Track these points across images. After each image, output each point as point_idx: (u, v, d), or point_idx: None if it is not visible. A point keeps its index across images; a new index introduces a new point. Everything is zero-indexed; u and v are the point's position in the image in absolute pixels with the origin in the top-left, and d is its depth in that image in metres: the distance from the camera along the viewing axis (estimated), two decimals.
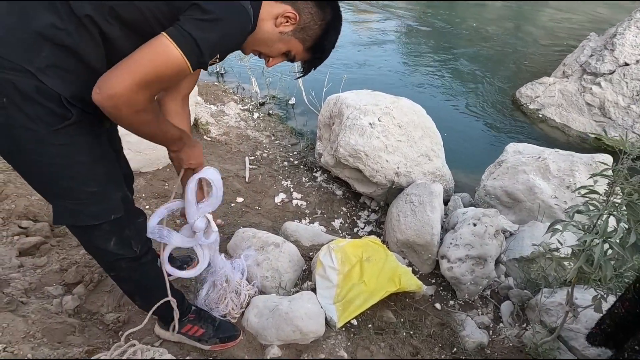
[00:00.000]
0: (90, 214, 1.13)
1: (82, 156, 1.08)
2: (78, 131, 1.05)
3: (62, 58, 0.96)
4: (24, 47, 0.93)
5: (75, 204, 1.11)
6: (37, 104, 0.96)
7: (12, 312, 1.47)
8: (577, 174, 2.34)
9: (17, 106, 0.95)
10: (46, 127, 0.99)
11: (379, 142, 2.52)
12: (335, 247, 1.92)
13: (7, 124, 0.97)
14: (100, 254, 1.26)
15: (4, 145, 1.04)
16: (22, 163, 1.08)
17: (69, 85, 0.99)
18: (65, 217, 1.13)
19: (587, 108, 4.39)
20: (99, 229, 1.17)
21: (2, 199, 2.08)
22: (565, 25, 7.88)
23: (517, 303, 2.01)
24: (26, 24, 0.93)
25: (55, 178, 1.08)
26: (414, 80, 5.28)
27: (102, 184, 1.14)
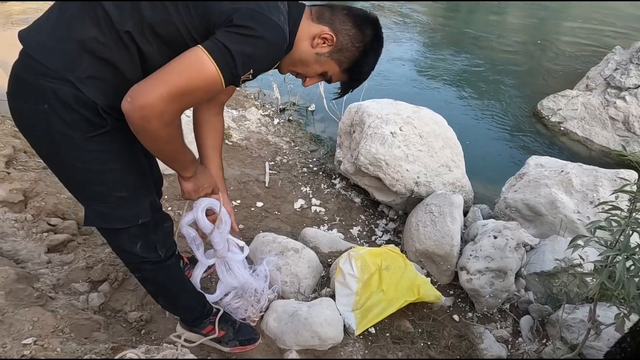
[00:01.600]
0: (119, 218, 1.18)
1: (114, 163, 1.12)
2: (111, 139, 1.09)
3: (101, 70, 1.00)
4: (67, 57, 0.98)
5: (105, 207, 1.16)
6: (75, 112, 1.01)
7: (42, 306, 1.52)
8: (601, 189, 2.31)
9: (56, 112, 1.00)
10: (81, 133, 1.04)
11: (399, 152, 2.53)
12: (355, 254, 1.93)
13: (47, 128, 1.03)
14: (127, 256, 1.30)
15: (44, 148, 1.11)
16: (59, 166, 1.14)
17: (105, 96, 1.02)
18: (95, 219, 1.18)
19: (610, 122, 4.32)
20: (126, 232, 1.21)
21: (33, 197, 2.15)
22: (589, 37, 7.78)
23: (537, 318, 1.99)
24: (71, 35, 0.98)
25: (87, 182, 1.13)
26: (434, 90, 5.27)
27: (131, 190, 1.18)
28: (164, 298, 1.49)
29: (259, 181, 2.95)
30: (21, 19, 6.31)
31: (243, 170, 3.04)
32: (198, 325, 1.57)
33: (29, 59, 0.99)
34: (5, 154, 2.38)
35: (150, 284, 1.42)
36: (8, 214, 2.00)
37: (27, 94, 1.02)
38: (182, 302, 1.51)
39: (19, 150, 2.56)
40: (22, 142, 2.73)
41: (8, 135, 2.71)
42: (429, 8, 9.32)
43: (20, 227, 1.98)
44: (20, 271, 1.62)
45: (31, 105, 1.01)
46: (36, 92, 1.00)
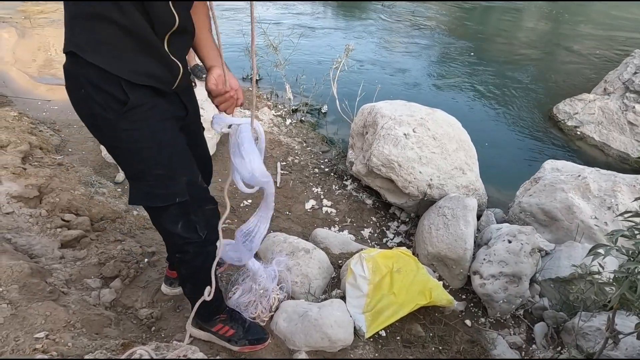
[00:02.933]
0: (158, 196, 1.21)
1: (148, 141, 1.16)
2: (141, 116, 1.13)
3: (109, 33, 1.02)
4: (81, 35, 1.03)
5: (146, 185, 1.19)
6: (104, 92, 1.06)
7: (54, 301, 1.53)
8: (619, 195, 2.26)
9: (91, 96, 1.06)
10: (114, 113, 1.08)
11: (412, 153, 2.50)
12: (367, 256, 1.91)
13: (90, 113, 1.10)
14: (171, 237, 1.32)
15: (94, 132, 1.18)
16: (108, 147, 1.21)
17: (127, 63, 1.05)
18: (138, 198, 1.21)
19: (629, 127, 4.23)
20: (166, 211, 1.24)
21: (48, 192, 2.17)
22: (606, 41, 7.65)
23: (552, 325, 1.94)
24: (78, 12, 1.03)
25: (130, 161, 1.19)
26: (449, 92, 5.23)
27: (167, 168, 1.20)
28: (192, 284, 1.48)
29: None
30: (41, 19, 6.43)
31: None
32: (209, 322, 1.57)
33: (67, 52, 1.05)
34: (21, 150, 2.42)
35: (187, 266, 1.42)
36: (23, 209, 2.02)
37: (70, 84, 1.09)
38: (201, 288, 1.50)
39: (35, 146, 2.60)
40: (38, 138, 2.77)
41: (25, 132, 2.75)
42: (442, 10, 9.26)
43: (35, 222, 2.00)
44: (34, 266, 1.64)
45: (74, 94, 1.09)
46: (75, 80, 1.06)
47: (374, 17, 8.55)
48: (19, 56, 5.00)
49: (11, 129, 2.70)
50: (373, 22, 8.17)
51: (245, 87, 4.64)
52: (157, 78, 1.13)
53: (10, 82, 4.17)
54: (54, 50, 5.30)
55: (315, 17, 8.33)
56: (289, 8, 8.70)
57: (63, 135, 3.22)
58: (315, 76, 4.65)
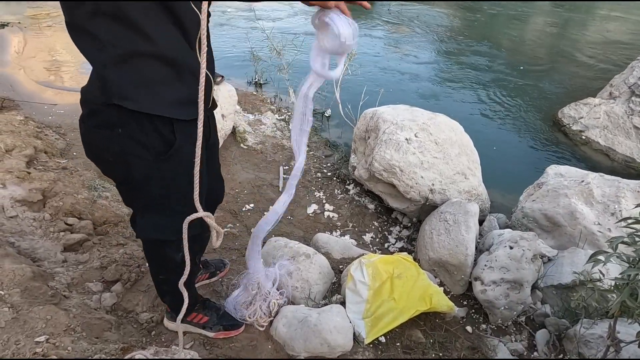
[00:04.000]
0: (173, 230, 1.20)
1: (180, 180, 1.15)
2: (181, 157, 1.12)
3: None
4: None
5: (161, 218, 1.20)
6: (150, 133, 1.05)
7: (56, 305, 1.54)
8: (623, 201, 2.24)
9: (131, 136, 1.04)
10: (155, 155, 1.07)
11: (414, 158, 2.50)
12: (367, 261, 1.91)
13: (121, 151, 1.06)
14: (165, 261, 1.34)
15: (119, 173, 1.15)
16: (130, 186, 1.18)
17: (172, 98, 1.05)
18: (150, 230, 1.22)
19: (634, 131, 4.19)
20: (174, 243, 1.25)
21: (51, 196, 2.20)
22: (612, 44, 7.60)
23: (554, 332, 1.93)
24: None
25: (153, 197, 1.17)
26: (452, 96, 5.22)
27: (189, 205, 1.20)
28: (172, 295, 1.50)
29: (273, 185, 2.95)
30: (49, 24, 6.51)
31: (257, 174, 3.05)
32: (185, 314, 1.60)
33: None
34: (26, 154, 2.44)
35: (171, 285, 1.42)
36: (27, 213, 2.05)
37: (99, 122, 1.04)
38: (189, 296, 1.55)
39: (40, 150, 2.63)
40: (43, 142, 2.80)
41: (30, 136, 2.79)
42: (447, 15, 9.26)
43: (38, 225, 2.02)
44: (36, 269, 1.65)
45: (103, 131, 1.04)
46: (108, 119, 1.03)
47: (379, 21, 8.56)
48: (27, 60, 5.06)
49: (17, 133, 2.73)
50: (377, 26, 8.19)
51: (250, 92, 4.66)
52: (195, 103, 1.13)
53: (18, 86, 4.22)
54: (61, 54, 5.36)
55: None
56: (292, 10, 8.74)
57: (68, 139, 3.24)
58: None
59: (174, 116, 1.06)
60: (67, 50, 5.44)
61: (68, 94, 4.20)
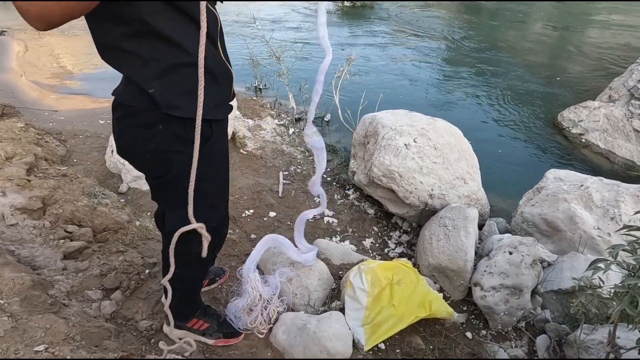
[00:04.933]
0: (198, 221, 1.21)
1: (213, 173, 1.21)
2: (215, 148, 1.17)
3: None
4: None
5: (184, 212, 1.19)
6: (190, 128, 1.05)
7: (55, 313, 1.54)
8: (623, 205, 2.24)
9: (171, 133, 1.08)
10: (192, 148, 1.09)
11: (413, 163, 2.50)
12: (366, 268, 1.91)
13: (157, 149, 1.11)
14: (185, 256, 1.32)
15: (156, 169, 1.19)
16: (165, 181, 1.21)
17: (212, 102, 1.10)
18: (180, 224, 1.21)
19: (634, 134, 4.19)
20: (199, 235, 1.25)
21: (52, 204, 2.20)
22: (611, 47, 7.61)
23: (554, 338, 1.92)
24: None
25: (185, 192, 1.17)
26: (451, 100, 5.23)
27: (218, 197, 1.25)
28: (180, 292, 1.49)
29: (272, 191, 2.96)
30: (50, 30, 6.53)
31: (257, 179, 3.06)
32: (186, 319, 1.61)
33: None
34: (27, 161, 2.45)
35: (185, 282, 1.45)
36: (27, 221, 2.05)
37: (135, 122, 1.09)
38: (190, 298, 1.59)
39: (40, 157, 2.64)
40: (44, 149, 2.81)
41: (31, 143, 2.80)
42: (445, 19, 9.28)
43: (38, 233, 2.03)
44: (35, 278, 1.65)
45: (139, 130, 1.09)
46: (145, 120, 1.07)
47: (378, 25, 8.59)
48: (28, 67, 5.09)
49: (17, 140, 2.74)
50: (377, 30, 8.21)
51: (250, 97, 4.67)
52: (228, 100, 1.19)
53: (19, 93, 4.25)
54: (62, 60, 5.39)
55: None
56: (291, 15, 8.76)
57: (69, 145, 3.26)
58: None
59: (214, 117, 1.14)
60: (68, 55, 5.47)
61: (68, 100, 4.21)
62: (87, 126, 3.61)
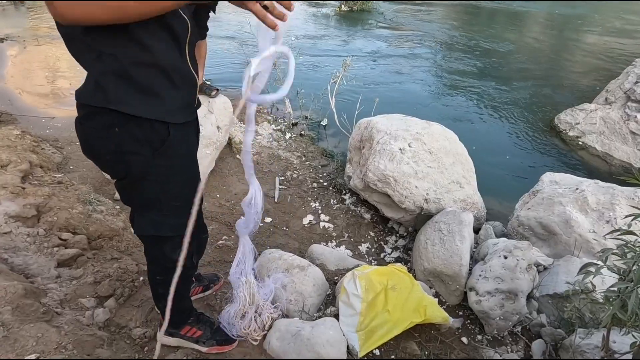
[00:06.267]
0: (170, 226, 1.24)
1: (178, 175, 1.20)
2: (176, 152, 1.16)
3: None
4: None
5: (159, 215, 1.22)
6: (146, 131, 1.08)
7: (47, 322, 1.54)
8: (618, 208, 2.23)
9: (128, 133, 1.07)
10: (151, 150, 1.11)
11: (408, 168, 2.50)
12: (360, 273, 1.90)
13: (116, 150, 1.10)
14: (163, 261, 1.34)
15: (117, 170, 1.18)
16: (128, 184, 1.20)
17: (168, 104, 1.09)
18: (147, 227, 1.24)
19: (631, 137, 4.20)
20: (171, 240, 1.27)
21: (46, 211, 2.20)
22: (607, 50, 7.63)
23: (550, 342, 1.91)
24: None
25: (150, 193, 1.20)
26: (447, 104, 5.23)
27: (186, 199, 1.23)
28: (167, 300, 1.48)
29: (268, 196, 2.95)
30: (49, 37, 6.56)
31: None
32: (178, 327, 1.60)
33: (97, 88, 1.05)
34: (22, 169, 2.45)
35: (167, 285, 1.42)
36: (21, 229, 2.05)
37: (96, 123, 1.08)
38: (182, 304, 1.58)
39: (35, 165, 2.64)
40: (39, 156, 2.81)
41: (27, 150, 2.80)
42: (442, 23, 9.31)
43: (32, 241, 2.02)
44: (28, 286, 1.65)
45: (99, 131, 1.08)
46: (105, 120, 1.06)
47: (374, 29, 8.62)
48: (26, 74, 5.10)
49: (13, 147, 2.74)
50: (372, 34, 8.24)
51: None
52: (190, 106, 1.17)
53: (15, 100, 4.25)
54: (60, 67, 5.40)
55: (317, 30, 8.41)
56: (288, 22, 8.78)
57: (65, 152, 3.26)
58: (315, 90, 4.69)
59: (170, 121, 1.11)
60: (67, 63, 5.48)
61: (65, 107, 4.22)
62: None
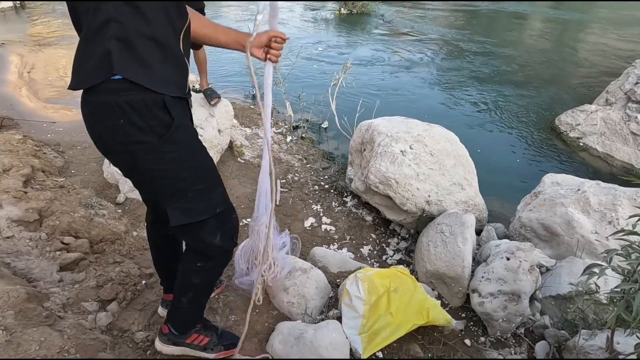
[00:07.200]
0: (200, 210, 1.23)
1: (189, 159, 1.19)
2: (182, 136, 1.16)
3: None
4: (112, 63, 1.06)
5: (185, 202, 1.21)
6: (148, 116, 1.08)
7: (50, 326, 1.54)
8: (620, 209, 2.23)
9: (132, 123, 1.07)
10: (157, 137, 1.11)
11: (410, 170, 2.50)
12: (363, 276, 1.90)
13: (125, 142, 1.10)
14: (205, 248, 1.33)
15: (126, 162, 1.18)
16: (140, 175, 1.21)
17: (163, 77, 1.10)
18: (180, 217, 1.22)
19: (632, 137, 4.20)
20: (206, 224, 1.26)
21: (48, 215, 2.20)
22: (607, 51, 7.64)
23: (554, 344, 1.91)
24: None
25: (168, 182, 1.19)
26: (448, 106, 5.24)
27: (206, 181, 1.24)
28: (196, 294, 1.48)
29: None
30: (50, 42, 6.58)
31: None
32: (185, 334, 1.57)
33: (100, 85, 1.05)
34: (23, 173, 2.46)
35: (205, 275, 1.43)
36: (23, 233, 2.05)
37: (101, 114, 1.08)
38: (202, 302, 1.56)
39: (37, 169, 2.64)
40: (41, 161, 2.82)
41: (29, 155, 2.80)
42: (442, 25, 9.33)
43: (35, 245, 2.03)
44: (31, 290, 1.65)
45: (108, 123, 1.08)
46: (111, 109, 1.06)
47: (373, 32, 8.64)
48: (26, 79, 5.12)
49: (15, 152, 2.75)
50: (372, 37, 8.26)
51: (247, 105, 4.69)
52: (182, 86, 1.17)
53: (17, 105, 4.26)
54: (61, 71, 5.41)
55: (317, 34, 8.44)
56: (289, 26, 8.82)
57: (67, 156, 3.27)
58: (316, 92, 4.70)
59: (165, 92, 1.10)
60: (68, 67, 5.50)
61: (67, 111, 4.23)
62: (86, 137, 3.61)
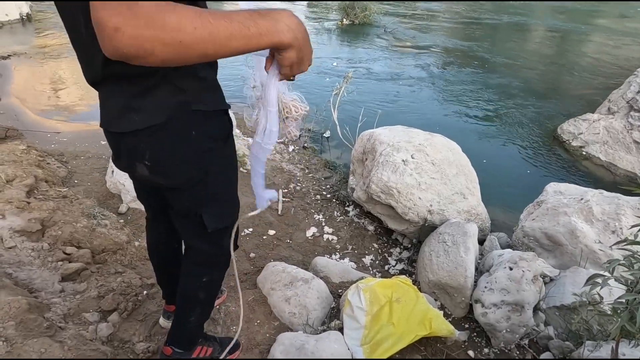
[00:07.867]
0: (228, 215, 1.25)
1: (234, 164, 1.23)
2: (232, 141, 1.19)
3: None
4: None
5: (217, 208, 1.21)
6: (217, 126, 1.10)
7: (51, 337, 1.53)
8: (624, 218, 2.22)
9: (206, 132, 1.06)
10: (222, 142, 1.13)
11: (411, 179, 2.50)
12: (364, 286, 1.89)
13: (196, 151, 1.07)
14: (218, 253, 1.33)
15: (195, 174, 1.10)
16: (202, 183, 1.13)
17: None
18: (215, 221, 1.22)
19: (635, 146, 4.19)
20: (229, 229, 1.27)
21: (50, 226, 2.21)
22: (609, 60, 7.65)
23: (558, 355, 1.88)
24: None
25: (216, 187, 1.18)
26: (450, 115, 5.25)
27: (235, 187, 1.25)
28: (202, 307, 1.47)
29: (271, 209, 2.95)
30: (55, 53, 6.66)
31: None
32: (190, 348, 1.53)
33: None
34: (27, 183, 2.47)
35: (211, 286, 1.43)
36: (26, 243, 2.06)
37: (171, 133, 1.01)
38: (210, 310, 1.54)
39: (40, 179, 2.66)
40: (45, 171, 2.83)
41: (32, 165, 2.82)
42: (443, 34, 9.38)
43: (37, 255, 2.03)
44: (32, 301, 1.65)
45: (179, 139, 1.03)
46: (181, 126, 1.02)
47: (375, 42, 8.70)
48: (32, 90, 5.17)
49: (19, 162, 2.76)
50: (374, 47, 8.31)
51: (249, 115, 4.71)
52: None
53: (22, 116, 4.30)
54: (66, 83, 5.47)
55: (319, 44, 8.50)
56: None
57: (70, 166, 3.28)
58: (318, 102, 4.72)
59: (228, 107, 1.13)
60: (73, 79, 5.56)
61: (71, 122, 4.27)
62: (89, 147, 3.64)
